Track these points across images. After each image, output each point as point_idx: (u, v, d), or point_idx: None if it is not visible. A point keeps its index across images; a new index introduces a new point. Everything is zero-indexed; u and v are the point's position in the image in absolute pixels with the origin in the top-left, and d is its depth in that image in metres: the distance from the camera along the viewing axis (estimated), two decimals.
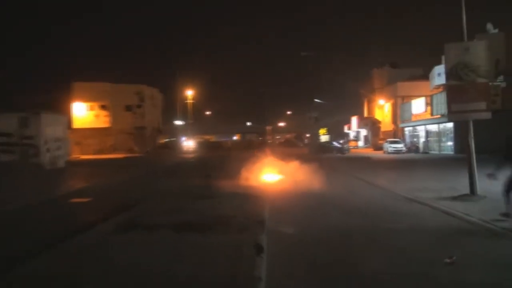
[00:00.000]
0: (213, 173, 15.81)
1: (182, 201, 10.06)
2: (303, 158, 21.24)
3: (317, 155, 35.20)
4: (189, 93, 65.33)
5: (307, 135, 65.44)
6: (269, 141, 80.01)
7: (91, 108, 48.14)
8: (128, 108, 48.88)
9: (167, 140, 61.60)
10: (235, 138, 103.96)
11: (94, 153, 43.43)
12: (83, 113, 47.82)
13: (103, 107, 48.21)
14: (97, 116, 48.24)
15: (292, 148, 47.38)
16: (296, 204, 10.00)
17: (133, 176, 19.21)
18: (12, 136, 21.08)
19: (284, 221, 8.03)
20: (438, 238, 6.51)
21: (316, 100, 50.35)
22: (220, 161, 23.98)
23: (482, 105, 10.26)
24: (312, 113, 51.57)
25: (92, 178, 17.81)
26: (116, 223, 7.75)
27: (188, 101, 64.28)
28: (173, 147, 54.14)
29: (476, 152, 10.35)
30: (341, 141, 47.22)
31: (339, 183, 14.35)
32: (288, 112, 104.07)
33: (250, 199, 10.34)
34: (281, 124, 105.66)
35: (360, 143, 62.39)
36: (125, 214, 8.65)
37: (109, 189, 14.56)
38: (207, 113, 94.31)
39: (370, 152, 42.97)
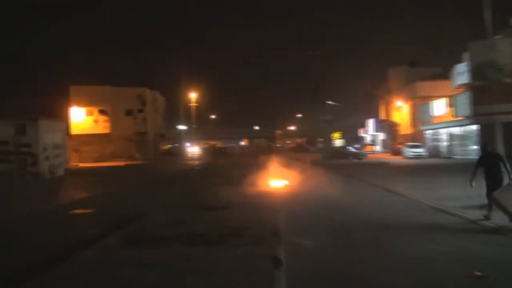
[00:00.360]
0: (221, 181, 16.03)
1: (190, 211, 10.07)
2: (317, 165, 21.51)
3: (332, 161, 35.12)
4: (193, 96, 65.61)
5: (320, 139, 65.49)
6: (279, 146, 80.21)
7: (90, 113, 48.48)
8: (129, 112, 49.34)
9: (170, 146, 62.02)
10: (242, 143, 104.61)
11: (93, 161, 43.80)
12: (81, 118, 48.22)
13: (102, 112, 48.56)
14: (96, 121, 48.62)
15: (304, 154, 47.14)
16: (313, 215, 10.02)
17: (136, 185, 19.38)
18: (8, 145, 21.35)
19: (301, 233, 8.04)
20: (463, 251, 6.42)
21: (328, 102, 50.24)
22: (228, 168, 23.84)
23: (510, 106, 10.18)
24: (325, 116, 51.35)
25: (93, 188, 18.03)
26: (120, 236, 7.75)
27: (192, 104, 64.58)
28: (177, 153, 54.43)
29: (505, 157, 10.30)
30: (357, 146, 46.67)
31: (358, 191, 14.32)
32: (298, 115, 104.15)
33: (263, 209, 10.36)
34: (292, 128, 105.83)
35: (377, 147, 62.11)
36: (130, 227, 8.67)
37: (111, 199, 14.65)
38: (212, 117, 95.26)
39: (388, 157, 42.79)
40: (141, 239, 7.40)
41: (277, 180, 15.67)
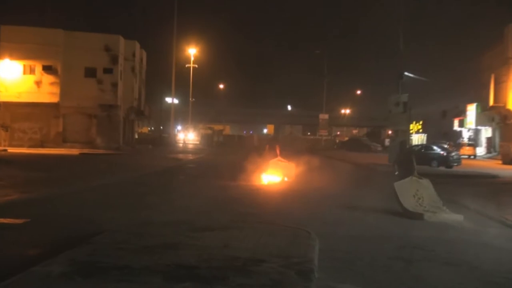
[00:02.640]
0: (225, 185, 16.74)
1: (177, 232, 10.33)
2: (382, 176, 22.23)
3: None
4: (191, 52, 65.24)
5: (389, 131, 64.34)
6: (323, 139, 79.46)
7: (29, 70, 48.02)
8: (90, 72, 48.95)
9: (152, 129, 64.12)
10: (265, 131, 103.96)
11: (31, 146, 44.33)
12: (15, 77, 47.74)
13: (48, 70, 48.12)
14: (38, 83, 48.23)
15: (362, 154, 46.59)
16: (369, 250, 10.18)
17: (97, 187, 19.75)
18: None
19: (348, 276, 8.09)
20: None
21: (407, 74, 48.55)
22: (242, 171, 23.67)
23: None
24: (399, 97, 49.40)
25: (30, 186, 18.28)
26: (67, 262, 7.79)
27: (189, 65, 64.20)
28: (162, 141, 54.44)
29: None
30: (446, 145, 46.25)
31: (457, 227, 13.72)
32: (358, 92, 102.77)
33: (288, 231, 10.75)
34: (347, 111, 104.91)
35: (480, 149, 60.79)
36: (83, 249, 8.73)
37: (59, 204, 15.00)
38: (220, 86, 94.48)
39: (497, 166, 42.06)
40: (98, 269, 7.45)
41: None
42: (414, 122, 66.95)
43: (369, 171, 34.88)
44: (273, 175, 21.81)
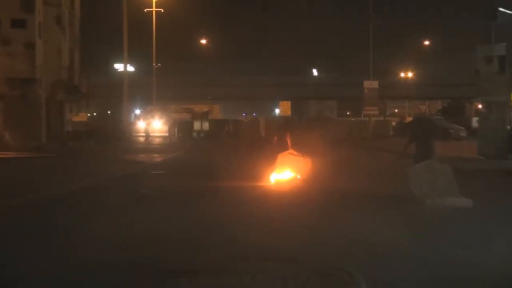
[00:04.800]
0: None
1: (140, 278, 9.06)
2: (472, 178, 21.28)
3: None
4: None
5: (478, 105, 49.90)
6: (372, 119, 60.81)
7: None
8: None
9: (93, 115, 56.50)
10: (277, 112, 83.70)
11: None
12: None
13: None
14: None
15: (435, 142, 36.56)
16: None
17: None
18: None
19: None
20: None
21: (504, 11, 37.96)
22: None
23: None
24: (490, 48, 37.54)
25: None
26: None
27: (150, 10, 55.07)
28: (110, 134, 47.27)
29: None
30: None
31: None
32: (426, 43, 77.69)
33: (317, 275, 9.11)
34: (408, 74, 79.36)
35: None
36: None
37: None
38: (202, 42, 75.53)
39: None
40: None
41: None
42: None
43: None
44: (283, 173, 20.26)
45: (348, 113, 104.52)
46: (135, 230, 12.50)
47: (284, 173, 20.14)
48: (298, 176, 20.25)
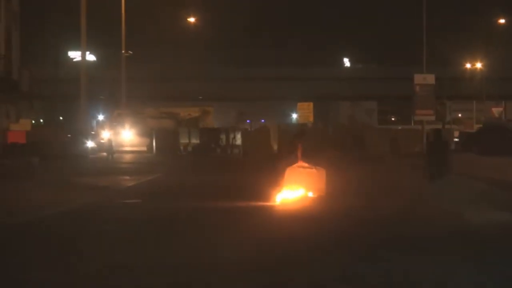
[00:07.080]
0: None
1: None
2: None
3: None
4: None
5: None
6: (426, 124, 48.80)
7: None
8: None
9: (42, 123, 53.31)
10: (294, 117, 70.03)
11: None
12: None
13: None
14: None
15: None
16: None
17: None
18: None
19: None
20: None
21: None
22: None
23: None
24: None
25: None
26: None
27: None
28: (63, 148, 41.34)
29: None
30: None
31: None
32: (501, 21, 64.08)
33: None
34: (474, 66, 64.35)
35: None
36: None
37: None
38: (191, 20, 63.15)
39: None
40: None
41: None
42: None
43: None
44: (291, 191, 17.69)
45: (393, 118, 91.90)
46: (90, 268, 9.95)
47: (293, 191, 17.77)
48: (310, 194, 18.01)
